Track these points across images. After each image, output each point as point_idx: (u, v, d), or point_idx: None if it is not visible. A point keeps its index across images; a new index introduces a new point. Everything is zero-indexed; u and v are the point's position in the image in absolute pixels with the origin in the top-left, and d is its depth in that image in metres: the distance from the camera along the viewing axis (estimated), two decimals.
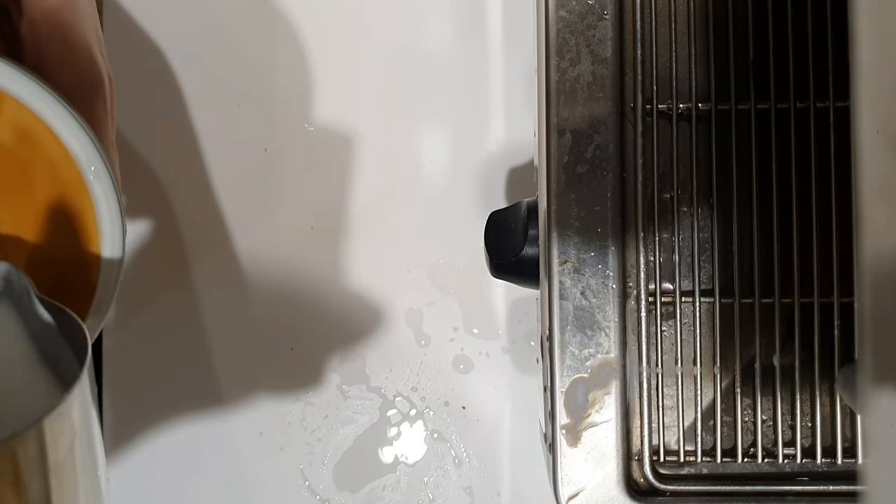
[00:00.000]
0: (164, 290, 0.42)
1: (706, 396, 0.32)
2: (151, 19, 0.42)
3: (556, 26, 0.31)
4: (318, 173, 0.42)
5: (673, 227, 0.33)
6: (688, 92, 0.32)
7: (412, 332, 0.42)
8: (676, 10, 0.32)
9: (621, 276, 0.31)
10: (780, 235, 0.32)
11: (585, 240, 0.31)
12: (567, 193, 0.31)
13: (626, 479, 0.31)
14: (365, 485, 0.42)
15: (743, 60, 0.32)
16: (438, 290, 0.42)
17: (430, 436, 0.42)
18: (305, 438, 0.42)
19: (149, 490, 0.43)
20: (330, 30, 0.42)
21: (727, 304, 0.32)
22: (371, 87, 0.42)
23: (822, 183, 0.31)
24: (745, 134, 0.32)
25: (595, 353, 0.31)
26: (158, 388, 0.42)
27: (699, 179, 0.32)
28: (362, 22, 0.42)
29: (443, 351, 0.42)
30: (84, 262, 0.27)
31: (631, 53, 0.32)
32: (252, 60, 0.42)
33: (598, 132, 0.31)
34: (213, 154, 0.42)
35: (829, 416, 0.32)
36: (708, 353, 0.32)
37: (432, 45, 0.42)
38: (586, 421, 0.31)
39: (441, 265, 0.42)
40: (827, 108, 0.32)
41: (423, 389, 0.42)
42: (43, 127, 0.26)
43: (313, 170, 0.42)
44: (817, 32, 0.32)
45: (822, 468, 0.32)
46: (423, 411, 0.42)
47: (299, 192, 0.42)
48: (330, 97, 0.43)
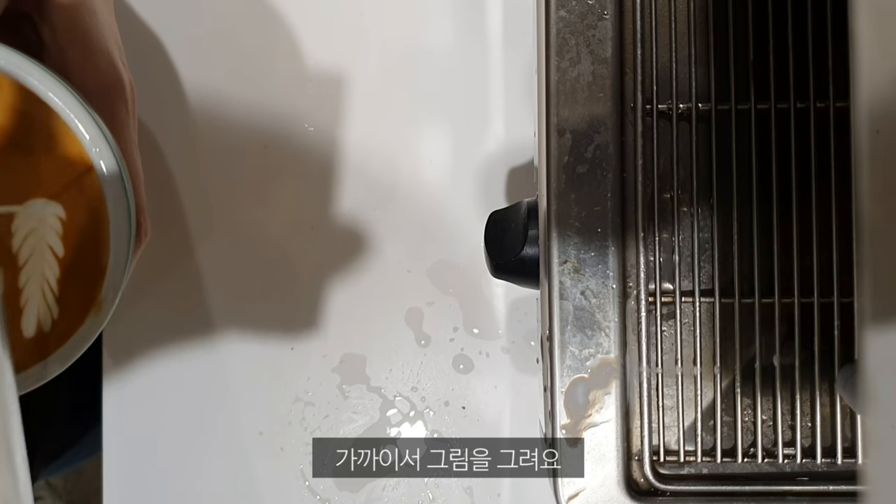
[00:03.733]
0: (164, 290, 0.42)
1: (706, 396, 0.32)
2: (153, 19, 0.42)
3: (556, 26, 0.31)
4: (318, 173, 0.42)
5: (673, 227, 0.33)
6: (688, 92, 0.32)
7: (412, 332, 0.42)
8: (676, 10, 0.32)
9: (621, 276, 0.31)
10: (780, 235, 0.32)
11: (585, 240, 0.31)
12: (567, 193, 0.31)
13: (626, 479, 0.31)
14: (365, 485, 0.42)
15: (743, 60, 0.32)
16: (438, 290, 0.42)
17: (430, 436, 0.42)
18: (305, 438, 0.42)
19: (149, 490, 0.43)
20: (330, 29, 0.42)
21: (727, 304, 0.32)
22: (371, 87, 0.42)
23: (822, 183, 0.31)
24: (745, 134, 0.32)
25: (595, 353, 0.31)
26: (158, 389, 0.42)
27: (699, 179, 0.32)
28: (362, 21, 0.42)
29: (443, 351, 0.42)
30: (96, 251, 0.27)
31: (631, 53, 0.32)
32: (252, 60, 0.42)
33: (598, 132, 0.31)
34: (213, 154, 0.42)
35: (829, 416, 0.32)
36: (708, 353, 0.32)
37: (432, 45, 0.42)
38: (586, 421, 0.31)
39: (441, 265, 0.42)
40: (827, 108, 0.32)
41: (423, 389, 0.42)
42: (60, 122, 0.26)
43: (313, 169, 0.42)
44: (817, 32, 0.32)
45: (822, 468, 0.32)
46: (423, 411, 0.42)
47: (299, 192, 0.42)
48: (330, 97, 0.43)
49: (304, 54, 0.42)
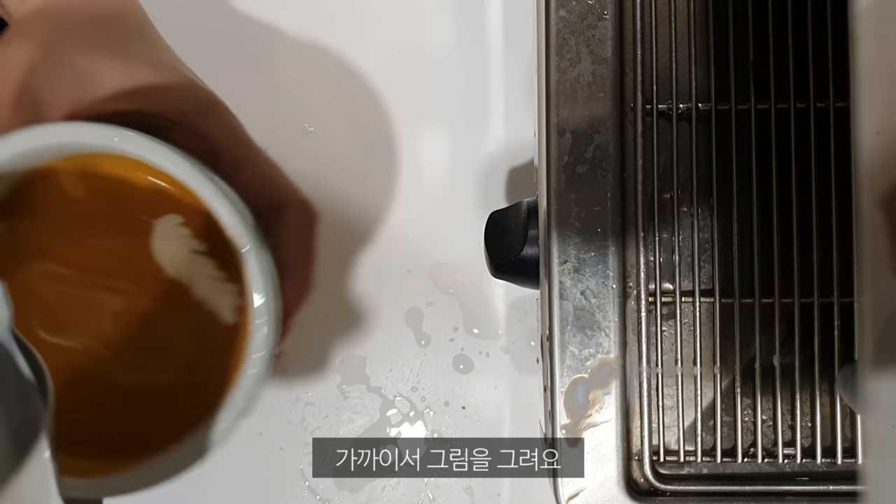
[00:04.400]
0: None
1: (706, 396, 0.32)
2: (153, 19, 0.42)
3: (556, 26, 0.31)
4: (318, 173, 0.42)
5: (673, 227, 0.33)
6: (688, 92, 0.32)
7: (412, 332, 0.42)
8: (676, 10, 0.32)
9: (621, 276, 0.31)
10: (781, 235, 0.32)
11: (585, 240, 0.31)
12: (567, 193, 0.31)
13: (626, 479, 0.31)
14: (365, 485, 0.42)
15: (743, 60, 0.32)
16: (438, 290, 0.42)
17: (430, 436, 0.42)
18: (305, 438, 0.42)
19: (149, 490, 0.43)
20: (330, 30, 0.42)
21: (727, 304, 0.32)
22: (371, 87, 0.42)
23: (822, 183, 0.31)
24: (745, 134, 0.32)
25: (595, 353, 0.31)
26: None
27: (699, 179, 0.32)
28: (362, 22, 0.42)
29: (443, 351, 0.42)
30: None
31: (631, 53, 0.32)
32: (252, 60, 0.42)
33: (598, 132, 0.31)
34: None
35: (829, 416, 0.32)
36: (708, 353, 0.32)
37: (432, 46, 0.42)
38: (586, 421, 0.31)
39: (441, 265, 0.42)
40: (827, 108, 0.31)
41: (423, 389, 0.42)
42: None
43: (313, 170, 0.42)
44: (817, 32, 0.32)
45: (822, 468, 0.32)
46: (423, 411, 0.42)
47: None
48: (330, 97, 0.43)
49: (304, 55, 0.42)
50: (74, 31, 0.27)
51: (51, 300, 0.27)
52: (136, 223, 0.26)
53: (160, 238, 0.27)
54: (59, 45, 0.26)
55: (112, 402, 0.27)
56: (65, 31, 0.27)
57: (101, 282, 0.27)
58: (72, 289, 0.27)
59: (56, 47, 0.26)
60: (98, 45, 0.27)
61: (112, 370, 0.27)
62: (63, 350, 0.27)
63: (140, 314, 0.27)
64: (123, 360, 0.27)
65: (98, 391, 0.27)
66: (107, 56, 0.26)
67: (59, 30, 0.27)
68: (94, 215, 0.27)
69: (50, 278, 0.27)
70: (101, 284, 0.27)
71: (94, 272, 0.27)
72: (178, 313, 0.27)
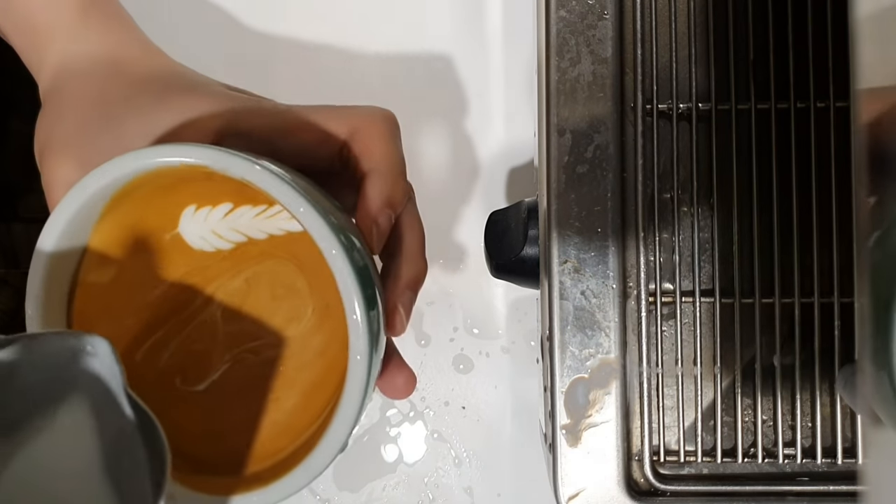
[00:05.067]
0: None
1: (706, 396, 0.32)
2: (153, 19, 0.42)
3: (556, 26, 0.31)
4: None
5: (673, 227, 0.33)
6: (688, 92, 0.32)
7: (412, 332, 0.42)
8: (676, 10, 0.32)
9: (621, 276, 0.31)
10: (781, 235, 0.32)
11: (585, 240, 0.31)
12: (567, 193, 0.31)
13: (626, 479, 0.31)
14: (365, 485, 0.42)
15: (743, 60, 0.32)
16: (438, 290, 0.42)
17: (430, 436, 0.42)
18: None
19: None
20: (330, 30, 0.42)
21: (727, 304, 0.32)
22: (371, 87, 0.42)
23: (822, 183, 0.31)
24: (745, 134, 0.32)
25: (595, 353, 0.31)
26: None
27: (699, 179, 0.32)
28: (363, 22, 0.42)
29: (443, 351, 0.42)
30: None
31: (631, 53, 0.32)
32: (252, 60, 0.42)
33: (598, 132, 0.31)
34: None
35: (829, 416, 0.32)
36: (708, 353, 0.32)
37: (432, 45, 0.42)
38: (586, 421, 0.31)
39: (441, 265, 0.42)
40: (827, 108, 0.31)
41: (423, 389, 0.42)
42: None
43: None
44: (817, 32, 0.32)
45: (822, 468, 0.32)
46: (423, 411, 0.42)
47: None
48: (330, 97, 0.43)
49: (303, 55, 0.42)
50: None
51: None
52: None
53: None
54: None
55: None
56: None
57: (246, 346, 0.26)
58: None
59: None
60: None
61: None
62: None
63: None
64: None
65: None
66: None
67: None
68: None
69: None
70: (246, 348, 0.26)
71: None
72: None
